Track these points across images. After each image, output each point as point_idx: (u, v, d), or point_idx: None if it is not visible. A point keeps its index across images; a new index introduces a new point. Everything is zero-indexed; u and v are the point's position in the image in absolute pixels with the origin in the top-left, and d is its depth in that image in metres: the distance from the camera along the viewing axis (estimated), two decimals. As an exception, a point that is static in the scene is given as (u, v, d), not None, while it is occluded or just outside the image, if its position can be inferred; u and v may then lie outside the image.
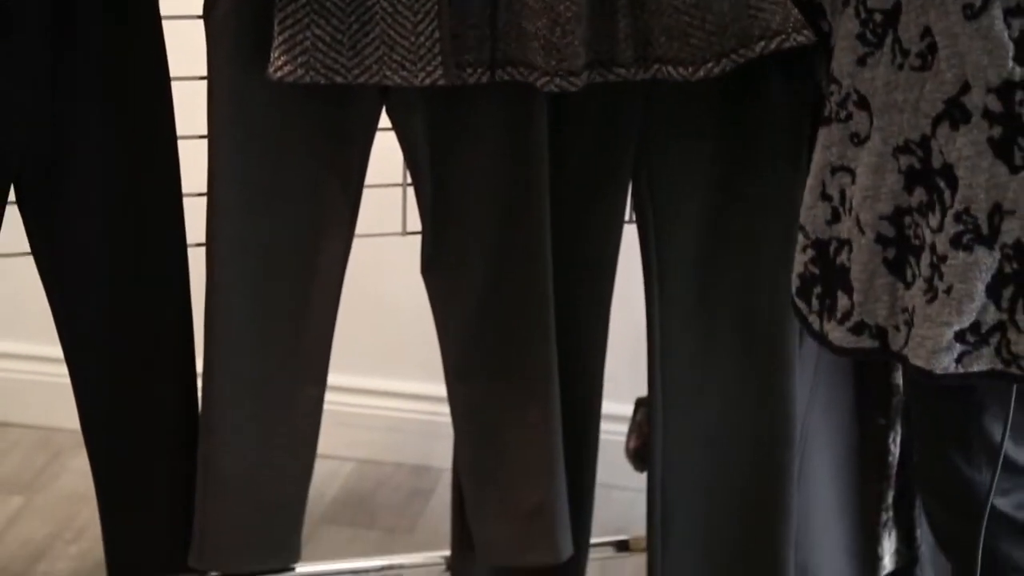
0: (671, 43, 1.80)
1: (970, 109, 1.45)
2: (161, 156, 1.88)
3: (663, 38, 1.80)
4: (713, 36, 1.80)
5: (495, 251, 1.95)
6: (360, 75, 1.79)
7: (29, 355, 2.75)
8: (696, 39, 1.79)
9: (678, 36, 1.79)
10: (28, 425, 2.79)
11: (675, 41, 1.79)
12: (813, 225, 1.60)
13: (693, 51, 1.79)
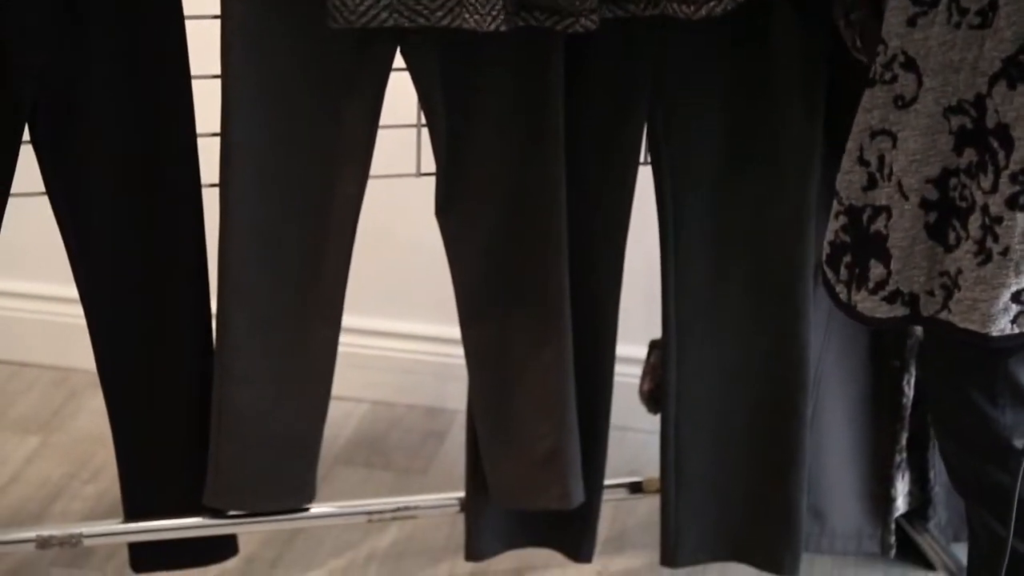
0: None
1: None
2: (175, 94, 1.88)
3: None
4: None
5: (509, 192, 1.95)
6: (443, 18, 1.77)
7: (45, 295, 2.76)
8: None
9: None
10: (44, 365, 2.80)
11: None
12: (848, 191, 1.58)
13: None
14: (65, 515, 2.38)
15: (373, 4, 1.76)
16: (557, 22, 1.80)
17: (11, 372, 2.80)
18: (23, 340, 2.80)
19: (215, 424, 1.99)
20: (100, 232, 1.92)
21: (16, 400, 2.73)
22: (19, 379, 2.79)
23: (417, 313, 2.69)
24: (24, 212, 1.94)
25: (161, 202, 1.92)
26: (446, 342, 2.47)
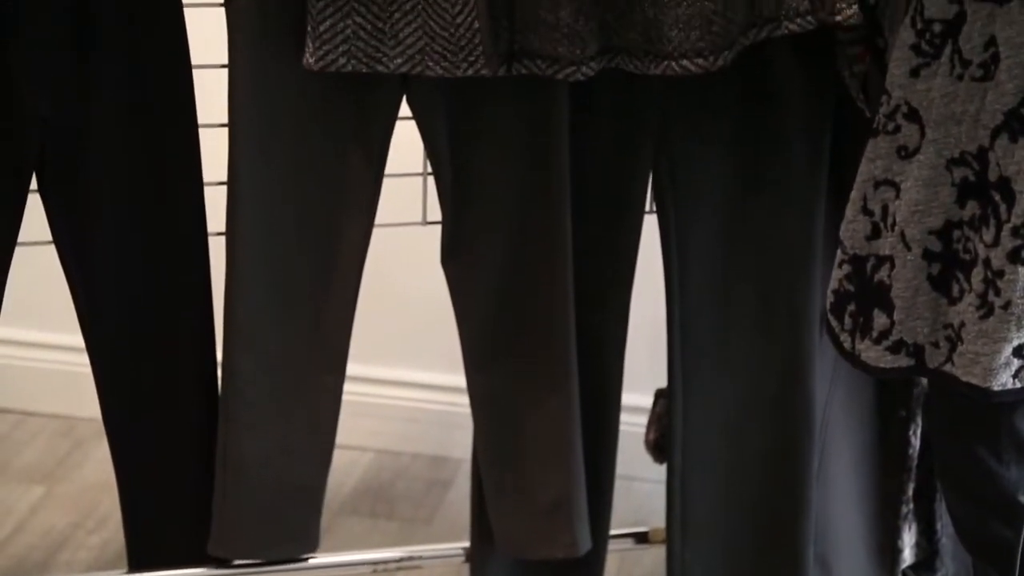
0: (689, 34, 1.78)
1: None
2: (183, 143, 1.89)
3: (675, 31, 1.78)
4: (731, 24, 1.79)
5: (515, 240, 1.95)
6: (403, 64, 1.79)
7: (50, 344, 2.76)
8: (718, 26, 1.78)
9: (699, 25, 1.78)
10: (50, 414, 2.80)
11: (695, 31, 1.78)
12: (852, 240, 1.58)
13: (714, 39, 1.78)
14: (70, 565, 2.37)
15: (331, 49, 1.78)
16: (558, 71, 1.81)
17: (16, 421, 2.80)
18: (29, 389, 2.81)
19: (220, 472, 1.98)
20: (106, 281, 1.92)
21: (21, 449, 2.73)
22: (24, 428, 2.79)
23: (422, 361, 2.69)
24: (30, 261, 1.95)
25: (167, 251, 1.92)
26: (451, 390, 2.47)
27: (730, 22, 1.78)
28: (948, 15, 1.48)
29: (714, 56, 1.79)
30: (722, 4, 1.77)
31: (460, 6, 1.74)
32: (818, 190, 1.95)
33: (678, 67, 1.78)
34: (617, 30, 1.81)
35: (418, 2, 1.77)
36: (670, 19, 1.77)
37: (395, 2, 1.78)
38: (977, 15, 1.47)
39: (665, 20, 1.77)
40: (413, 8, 1.78)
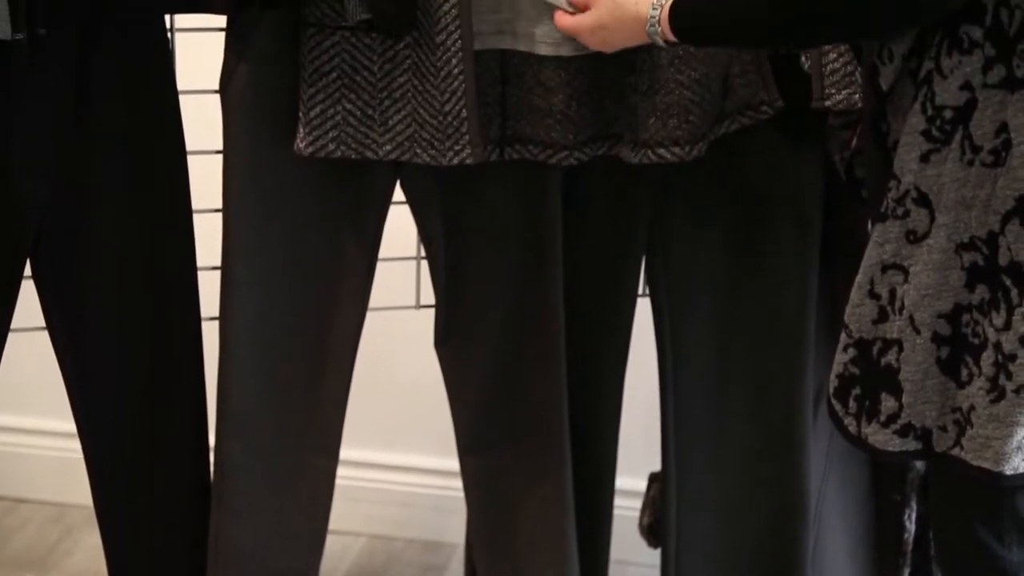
0: (667, 122, 1.80)
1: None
2: (177, 228, 1.89)
3: (652, 119, 1.80)
4: (709, 113, 1.81)
5: (509, 323, 1.96)
6: (392, 151, 1.80)
7: (42, 430, 2.75)
8: (695, 116, 1.80)
9: (676, 114, 1.79)
10: (41, 501, 2.78)
11: (672, 119, 1.79)
12: (858, 324, 1.58)
13: (691, 128, 1.80)
14: (59, 653, 2.35)
15: (322, 135, 1.79)
16: (550, 156, 1.82)
17: (7, 508, 2.78)
18: (20, 475, 2.79)
19: (212, 558, 1.97)
20: (99, 366, 1.92)
21: (12, 536, 2.71)
22: (15, 515, 2.77)
23: (416, 445, 2.68)
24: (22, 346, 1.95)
25: (161, 337, 1.92)
26: (445, 475, 2.46)
27: (707, 113, 1.80)
28: (959, 102, 1.50)
29: (690, 145, 1.80)
30: (700, 95, 1.79)
31: (448, 94, 1.76)
32: (810, 273, 1.96)
33: (654, 155, 1.80)
34: (615, 117, 1.82)
35: (408, 89, 1.79)
36: (649, 107, 1.79)
37: (385, 89, 1.80)
38: (988, 102, 1.49)
39: (644, 108, 1.79)
40: (403, 95, 1.79)
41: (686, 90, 1.78)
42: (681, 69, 1.77)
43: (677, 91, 1.78)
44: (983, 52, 1.48)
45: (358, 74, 1.79)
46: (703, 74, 1.78)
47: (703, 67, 1.78)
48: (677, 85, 1.78)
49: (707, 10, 1.62)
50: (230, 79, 1.84)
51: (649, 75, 1.78)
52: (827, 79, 1.80)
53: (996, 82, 1.48)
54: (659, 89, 1.78)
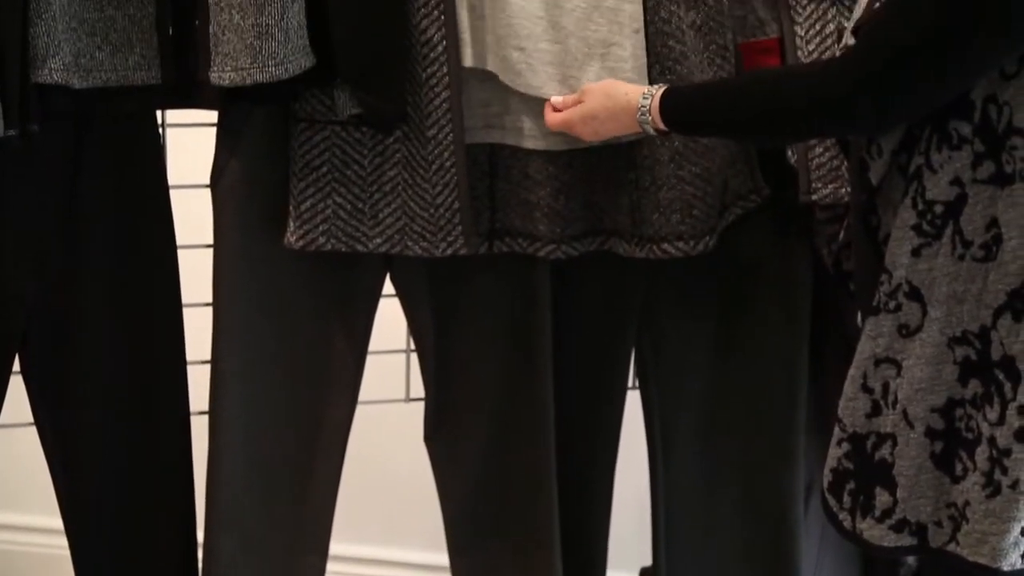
0: (670, 217, 1.81)
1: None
2: (167, 323, 1.89)
3: (656, 215, 1.81)
4: (712, 208, 1.82)
5: (498, 418, 1.95)
6: (382, 244, 1.81)
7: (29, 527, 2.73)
8: (699, 210, 1.81)
9: (680, 209, 1.81)
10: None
11: (675, 214, 1.81)
12: (852, 418, 1.58)
13: (695, 223, 1.81)
14: None
15: (312, 228, 1.80)
16: (538, 249, 1.83)
17: (-8, 605, 2.75)
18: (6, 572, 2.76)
19: (200, 656, 1.95)
20: (87, 462, 1.90)
21: (-5, 635, 2.68)
22: (-1, 613, 2.74)
23: (405, 541, 2.66)
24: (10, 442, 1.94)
25: (149, 433, 1.91)
26: (435, 570, 2.44)
27: (711, 207, 1.81)
28: (949, 196, 1.51)
29: (695, 240, 1.81)
30: (703, 190, 1.80)
31: (441, 186, 1.77)
32: (800, 365, 1.96)
33: (659, 250, 1.81)
34: (608, 212, 1.83)
35: (398, 183, 1.80)
36: (652, 202, 1.80)
37: (375, 182, 1.81)
38: (978, 197, 1.50)
39: (648, 203, 1.80)
40: (393, 189, 1.80)
41: (688, 185, 1.79)
42: (682, 164, 1.78)
43: (679, 186, 1.79)
44: (972, 148, 1.50)
45: (348, 168, 1.80)
46: (704, 168, 1.79)
47: (703, 162, 1.79)
48: (679, 180, 1.79)
49: (695, 102, 1.65)
50: (221, 173, 1.85)
51: (650, 171, 1.79)
52: (813, 173, 1.81)
53: (986, 177, 1.49)
54: (661, 185, 1.79)
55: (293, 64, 1.70)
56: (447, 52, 1.73)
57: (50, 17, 1.69)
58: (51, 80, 1.70)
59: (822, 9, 1.80)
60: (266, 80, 1.68)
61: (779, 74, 1.69)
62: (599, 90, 1.71)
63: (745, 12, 1.82)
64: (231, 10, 1.66)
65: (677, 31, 1.76)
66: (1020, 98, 1.47)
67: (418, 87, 1.75)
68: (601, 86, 1.71)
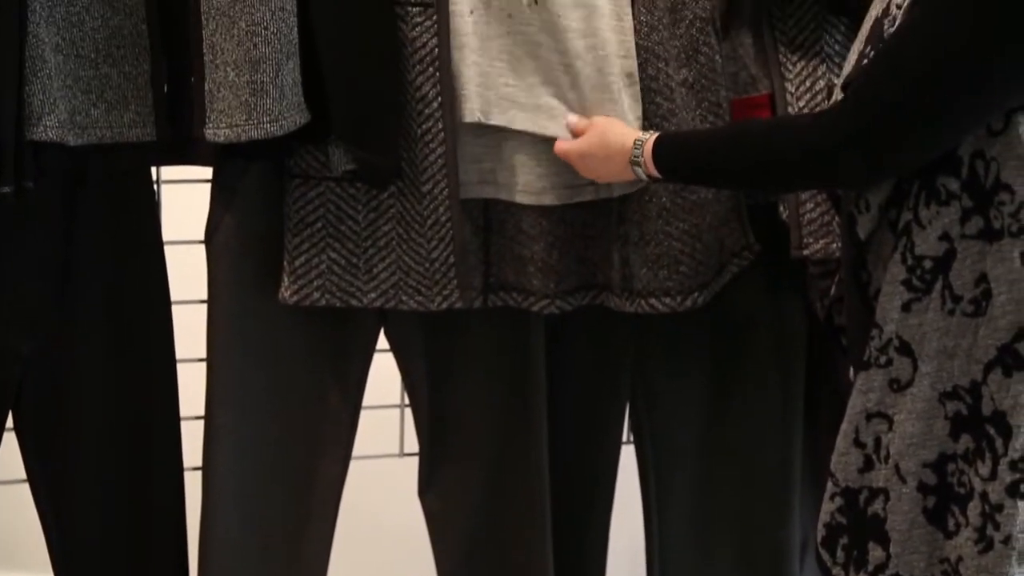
0: (657, 272, 1.81)
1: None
2: (161, 379, 1.89)
3: (644, 269, 1.82)
4: (702, 265, 1.82)
5: (493, 471, 1.95)
6: (377, 299, 1.81)
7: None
8: (686, 267, 1.81)
9: (667, 264, 1.81)
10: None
11: (663, 270, 1.81)
12: (844, 472, 1.59)
13: (682, 279, 1.81)
14: None
15: (306, 284, 1.80)
16: (532, 304, 1.83)
17: (-19, 663, 2.73)
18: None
19: None
20: (80, 519, 1.90)
21: None
22: (-11, 670, 2.72)
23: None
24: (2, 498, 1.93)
25: (142, 489, 1.90)
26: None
27: (700, 263, 1.81)
28: (938, 252, 1.52)
29: (682, 296, 1.81)
30: (691, 246, 1.81)
31: (436, 241, 1.77)
32: (794, 419, 1.96)
33: (647, 305, 1.82)
34: (599, 266, 1.84)
35: (392, 238, 1.80)
36: (640, 257, 1.81)
37: (370, 238, 1.81)
38: (967, 252, 1.51)
39: (636, 258, 1.81)
40: (388, 244, 1.81)
41: (675, 241, 1.80)
42: (669, 220, 1.79)
43: (666, 242, 1.80)
44: (960, 203, 1.50)
45: (343, 223, 1.81)
46: (692, 225, 1.80)
47: (692, 218, 1.80)
48: (666, 236, 1.80)
49: (687, 149, 1.67)
50: (216, 229, 1.85)
51: (639, 226, 1.80)
52: (805, 228, 1.82)
53: (974, 233, 1.50)
54: (649, 240, 1.80)
55: (288, 121, 1.70)
56: (442, 108, 1.74)
57: (45, 75, 1.70)
58: (46, 138, 1.71)
59: (812, 66, 1.81)
60: (261, 137, 1.69)
61: (770, 125, 1.71)
62: (598, 129, 1.73)
63: (737, 68, 1.83)
64: (226, 68, 1.67)
65: (665, 88, 1.78)
66: (1007, 154, 1.48)
67: (413, 143, 1.75)
68: (601, 126, 1.73)
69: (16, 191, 1.69)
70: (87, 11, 1.72)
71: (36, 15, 1.69)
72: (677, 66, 1.78)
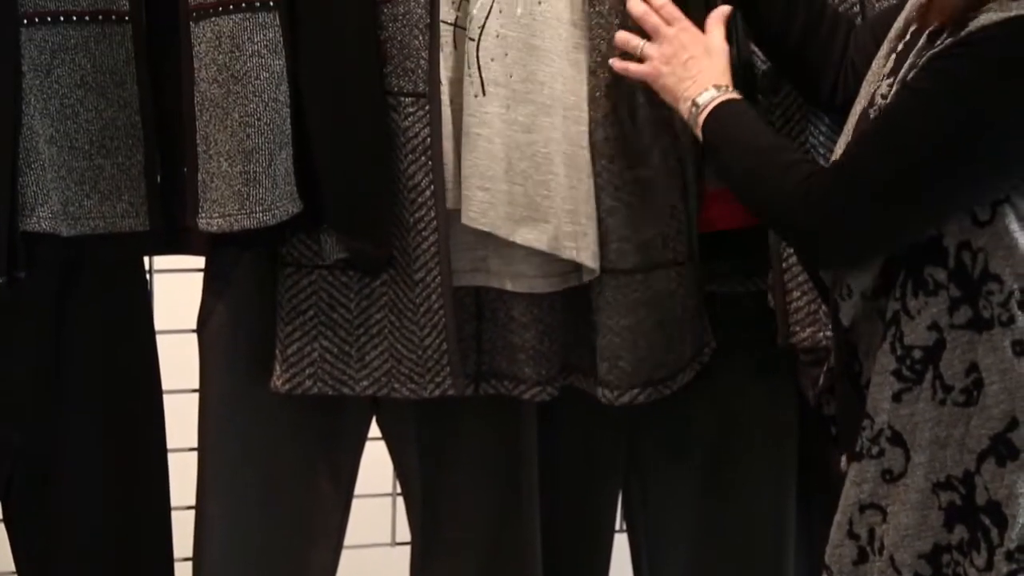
0: (601, 364, 1.80)
1: (1018, 446, 1.47)
2: (152, 469, 1.88)
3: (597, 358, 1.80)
4: (642, 363, 1.80)
5: (485, 560, 1.94)
6: (369, 387, 1.81)
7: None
8: (626, 363, 1.79)
9: (608, 358, 1.80)
10: None
11: (605, 362, 1.80)
12: (839, 564, 1.57)
13: (620, 375, 1.80)
14: None
15: (299, 372, 1.80)
16: (524, 391, 1.83)
17: None
18: None
19: None
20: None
21: None
22: None
23: None
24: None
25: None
26: None
27: (642, 361, 1.80)
28: (928, 342, 1.52)
29: (619, 391, 1.80)
30: (629, 342, 1.79)
31: (428, 328, 1.77)
32: (787, 507, 1.96)
33: (599, 393, 1.82)
34: (575, 349, 1.84)
35: (384, 325, 1.80)
36: (596, 346, 1.81)
37: (362, 325, 1.81)
38: (957, 342, 1.50)
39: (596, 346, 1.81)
40: (380, 332, 1.81)
41: (616, 336, 1.79)
42: (612, 315, 1.78)
43: (608, 336, 1.79)
44: (948, 293, 1.50)
45: (335, 311, 1.81)
46: (634, 322, 1.78)
47: (633, 316, 1.78)
48: (607, 330, 1.79)
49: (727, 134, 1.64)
50: (208, 318, 1.85)
51: (596, 314, 1.80)
52: (792, 316, 1.82)
53: (963, 323, 1.50)
54: (598, 331, 1.80)
55: (280, 210, 1.71)
56: (435, 196, 1.74)
57: (39, 167, 1.70)
58: (39, 228, 1.71)
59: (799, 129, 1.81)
60: (254, 226, 1.69)
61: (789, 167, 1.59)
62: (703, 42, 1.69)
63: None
64: (219, 158, 1.68)
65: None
66: (994, 244, 1.48)
67: (405, 231, 1.76)
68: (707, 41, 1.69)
69: (8, 282, 1.69)
70: (81, 103, 1.74)
71: (31, 107, 1.70)
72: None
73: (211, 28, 1.67)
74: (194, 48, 1.68)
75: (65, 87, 1.73)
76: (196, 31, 1.67)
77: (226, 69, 1.67)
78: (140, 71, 1.76)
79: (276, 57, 1.68)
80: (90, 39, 1.74)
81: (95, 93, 1.74)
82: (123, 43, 1.75)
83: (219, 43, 1.67)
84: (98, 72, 1.74)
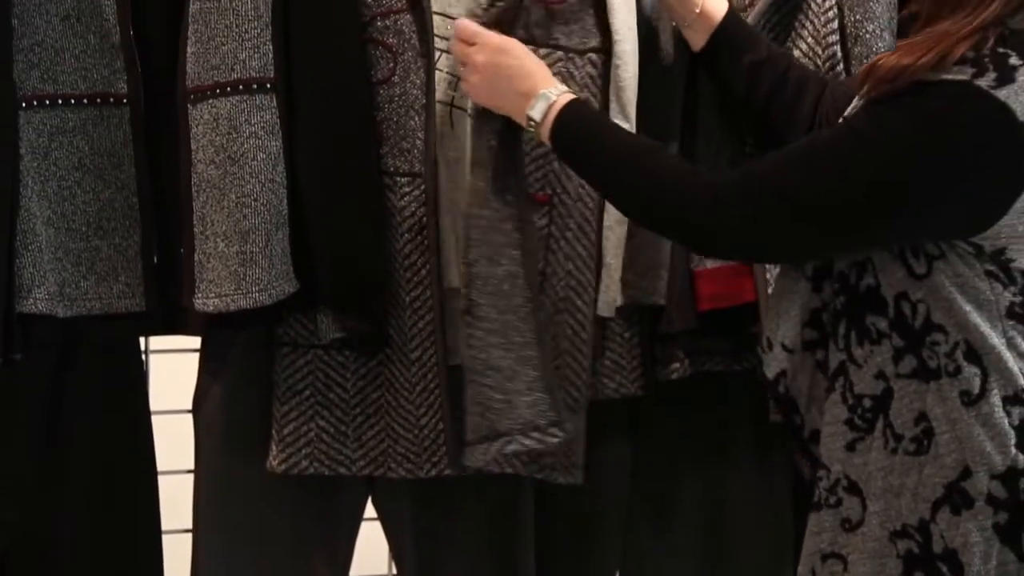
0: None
1: (972, 495, 1.48)
2: (145, 551, 1.87)
3: None
4: (480, 418, 1.73)
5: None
6: (365, 467, 1.80)
7: None
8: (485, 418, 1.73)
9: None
10: None
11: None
12: None
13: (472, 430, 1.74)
14: None
15: (295, 452, 1.80)
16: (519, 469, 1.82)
17: None
18: None
19: None
20: None
21: None
22: None
23: None
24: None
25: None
26: None
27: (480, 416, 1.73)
28: (876, 391, 1.53)
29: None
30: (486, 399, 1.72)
31: (425, 408, 1.77)
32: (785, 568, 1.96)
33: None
34: None
35: (381, 404, 1.80)
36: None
37: (358, 405, 1.81)
38: (904, 391, 1.51)
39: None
40: (377, 411, 1.81)
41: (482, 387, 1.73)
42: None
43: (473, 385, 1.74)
44: (891, 343, 1.51)
45: (331, 391, 1.81)
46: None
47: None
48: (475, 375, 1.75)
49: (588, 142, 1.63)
50: (203, 398, 1.85)
51: None
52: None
53: (908, 372, 1.51)
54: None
55: (276, 290, 1.71)
56: (430, 275, 1.75)
57: (36, 248, 1.71)
58: (36, 310, 1.71)
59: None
60: (250, 306, 1.70)
61: (676, 172, 1.59)
62: (522, 47, 1.67)
63: None
64: (216, 239, 1.69)
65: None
66: (934, 297, 1.49)
67: (402, 310, 1.76)
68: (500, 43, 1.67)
69: (5, 363, 1.69)
70: (79, 185, 1.74)
71: (29, 189, 1.71)
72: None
73: (209, 110, 1.68)
74: (191, 130, 1.69)
75: (63, 169, 1.74)
76: (194, 113, 1.69)
77: (223, 150, 1.68)
78: (138, 153, 1.77)
79: (273, 138, 1.69)
80: (88, 122, 1.75)
81: (93, 175, 1.75)
82: (121, 125, 1.76)
83: (216, 125, 1.68)
84: (96, 154, 1.76)
